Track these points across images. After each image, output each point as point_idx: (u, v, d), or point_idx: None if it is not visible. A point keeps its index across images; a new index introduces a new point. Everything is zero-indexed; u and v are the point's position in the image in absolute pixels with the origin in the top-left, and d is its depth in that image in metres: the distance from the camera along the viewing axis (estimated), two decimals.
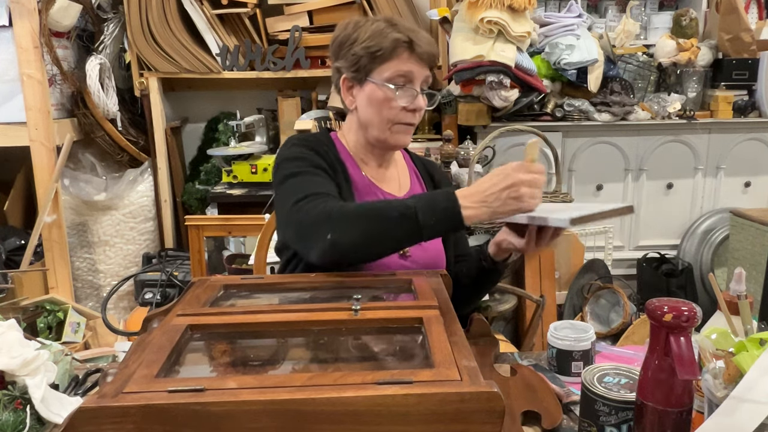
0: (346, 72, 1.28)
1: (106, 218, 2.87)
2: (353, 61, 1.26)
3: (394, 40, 1.23)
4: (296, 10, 2.83)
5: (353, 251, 1.10)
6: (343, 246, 1.08)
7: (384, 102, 1.25)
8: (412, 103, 1.26)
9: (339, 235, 1.08)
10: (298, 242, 1.18)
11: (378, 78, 1.25)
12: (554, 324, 1.15)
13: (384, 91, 1.25)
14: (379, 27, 1.25)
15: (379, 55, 1.23)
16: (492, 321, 2.62)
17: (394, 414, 0.65)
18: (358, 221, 1.09)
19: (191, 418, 0.64)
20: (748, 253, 2.65)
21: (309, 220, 1.12)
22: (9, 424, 0.88)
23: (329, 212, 1.10)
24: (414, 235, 1.08)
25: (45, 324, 2.23)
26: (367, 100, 1.27)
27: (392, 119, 1.27)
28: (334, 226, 1.09)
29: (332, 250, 1.09)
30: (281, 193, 1.23)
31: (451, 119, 2.78)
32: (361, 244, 1.09)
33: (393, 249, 1.15)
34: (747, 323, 0.89)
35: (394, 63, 1.24)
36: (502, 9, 2.52)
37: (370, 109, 1.27)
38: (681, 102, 2.90)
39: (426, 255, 1.31)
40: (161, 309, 0.94)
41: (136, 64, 2.84)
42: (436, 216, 1.05)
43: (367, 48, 1.24)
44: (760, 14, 3.23)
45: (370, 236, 1.09)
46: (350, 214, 1.10)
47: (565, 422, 0.96)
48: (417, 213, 1.06)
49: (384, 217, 1.08)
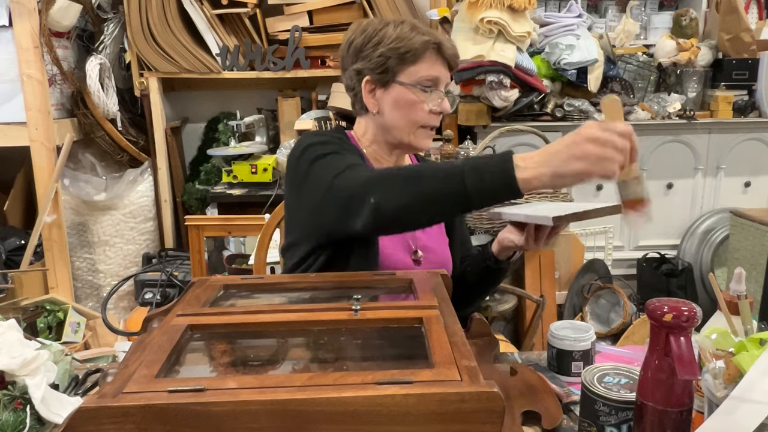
0: (370, 74, 1.24)
1: (106, 218, 2.87)
2: (380, 63, 1.22)
3: (424, 42, 1.21)
4: (296, 10, 2.83)
5: (396, 215, 1.02)
6: (386, 210, 1.01)
7: (413, 105, 1.23)
8: (440, 106, 1.25)
9: (381, 198, 1.01)
10: (342, 218, 1.10)
11: (407, 79, 1.22)
12: (554, 324, 1.15)
13: (414, 93, 1.23)
14: (405, 28, 1.23)
15: (409, 56, 1.21)
16: (492, 321, 2.62)
17: (394, 414, 0.65)
18: (401, 184, 1.02)
19: (191, 418, 0.64)
20: (748, 253, 2.65)
21: (350, 190, 1.06)
22: (9, 424, 0.88)
23: (369, 177, 1.05)
24: (461, 198, 0.96)
25: (45, 324, 2.23)
26: (393, 102, 1.24)
27: (419, 122, 1.25)
28: (376, 189, 1.03)
29: (375, 215, 1.02)
30: (313, 178, 1.16)
31: (451, 119, 2.78)
32: (403, 207, 1.01)
33: (440, 214, 1.06)
34: (747, 323, 0.89)
35: (423, 65, 1.22)
36: (502, 9, 2.52)
37: (397, 111, 1.25)
38: (681, 102, 2.90)
39: (437, 258, 1.31)
40: (161, 309, 0.94)
41: (136, 64, 2.84)
42: (487, 177, 0.93)
43: (395, 49, 1.21)
44: (760, 14, 3.23)
45: (412, 198, 1.00)
46: (392, 176, 1.04)
47: (565, 422, 0.96)
48: (464, 173, 0.95)
49: (428, 178, 1.00)
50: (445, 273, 1.09)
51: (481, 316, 1.14)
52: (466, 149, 2.59)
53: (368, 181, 1.05)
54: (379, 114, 1.27)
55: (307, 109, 2.94)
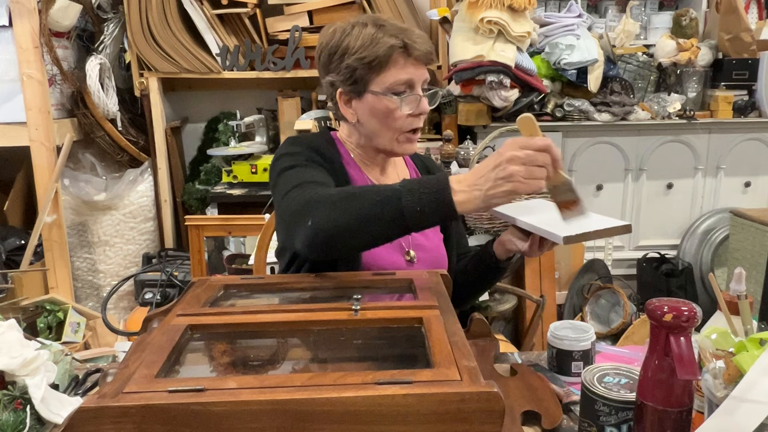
0: (342, 86, 1.22)
1: (106, 218, 2.87)
2: (348, 74, 1.19)
3: (389, 47, 1.17)
4: (296, 10, 2.83)
5: (332, 237, 1.01)
6: (322, 231, 1.00)
7: (389, 113, 1.20)
8: (417, 108, 1.21)
9: (319, 220, 1.01)
10: (287, 233, 1.12)
11: (378, 88, 1.19)
12: (554, 324, 1.15)
13: (387, 102, 1.19)
14: (369, 33, 1.18)
15: (375, 64, 1.17)
16: (492, 321, 2.62)
17: (394, 414, 0.65)
18: (338, 205, 1.01)
19: (191, 418, 0.64)
20: (748, 253, 2.65)
21: (293, 207, 1.07)
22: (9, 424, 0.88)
23: (311, 197, 1.04)
24: (397, 221, 0.96)
25: (45, 324, 2.23)
26: (369, 112, 1.22)
27: (399, 128, 1.22)
28: (314, 210, 1.02)
29: (312, 237, 1.01)
30: (277, 190, 1.18)
31: (451, 119, 2.78)
32: (340, 229, 1.00)
33: (378, 236, 1.02)
34: (747, 323, 0.89)
35: (392, 71, 1.18)
36: (502, 9, 2.52)
37: (375, 120, 1.22)
38: (681, 102, 2.90)
39: (431, 257, 1.30)
40: (161, 309, 0.94)
41: (136, 64, 2.84)
42: (424, 200, 0.95)
43: (361, 59, 1.17)
44: (760, 14, 3.23)
45: (348, 221, 0.99)
46: (331, 198, 1.03)
47: (565, 422, 0.96)
48: (401, 195, 0.95)
49: (366, 201, 0.99)
50: (445, 273, 1.09)
51: (481, 316, 1.15)
52: (466, 149, 2.59)
53: (308, 203, 1.04)
54: (359, 123, 1.25)
55: (307, 109, 2.94)
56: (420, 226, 0.99)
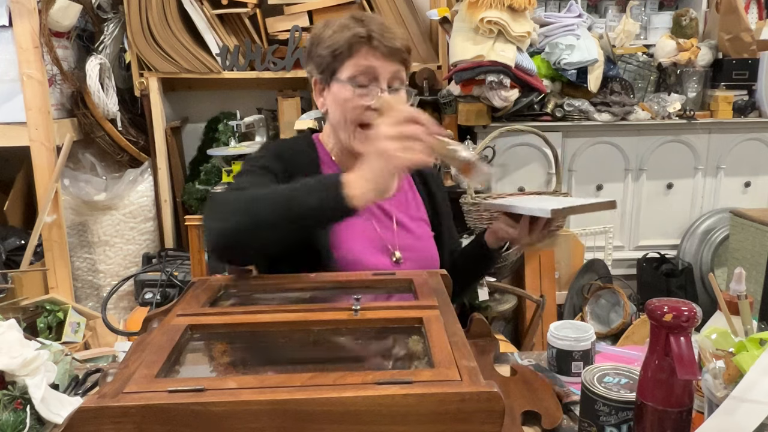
0: (315, 75, 1.26)
1: (106, 218, 2.87)
2: (319, 63, 1.23)
3: (351, 36, 1.17)
4: (296, 10, 2.83)
5: (230, 240, 1.02)
6: (220, 235, 1.02)
7: (346, 101, 1.20)
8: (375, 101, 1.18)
9: (217, 223, 1.02)
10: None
11: (342, 76, 1.20)
12: (554, 324, 1.15)
13: (344, 90, 1.20)
14: (342, 24, 1.20)
15: (339, 53, 1.19)
16: (492, 321, 2.62)
17: (394, 414, 0.65)
18: (234, 208, 1.02)
19: (191, 418, 0.64)
20: (748, 253, 2.65)
21: (205, 213, 1.08)
22: (9, 424, 0.88)
23: (216, 201, 1.06)
24: (295, 220, 0.98)
25: (45, 324, 2.23)
26: (333, 100, 1.23)
27: (355, 120, 1.20)
28: (215, 213, 1.04)
29: (213, 240, 1.03)
30: None
31: (451, 119, 2.78)
32: (236, 232, 1.01)
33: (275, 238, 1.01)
34: (747, 323, 0.89)
35: (354, 60, 1.19)
36: (502, 9, 2.52)
37: (335, 109, 1.23)
38: (681, 102, 2.90)
39: (420, 257, 1.29)
40: (161, 309, 0.94)
41: (136, 64, 2.84)
42: (320, 196, 0.96)
43: (328, 47, 1.20)
44: (760, 14, 3.23)
45: (246, 223, 1.00)
46: (229, 201, 1.04)
47: (565, 422, 0.96)
48: (297, 195, 0.98)
49: (262, 202, 1.00)
50: (444, 273, 1.09)
51: (481, 316, 1.15)
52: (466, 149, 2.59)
53: (213, 206, 1.06)
54: (327, 114, 1.27)
55: (307, 109, 2.94)
56: (321, 224, 1.02)
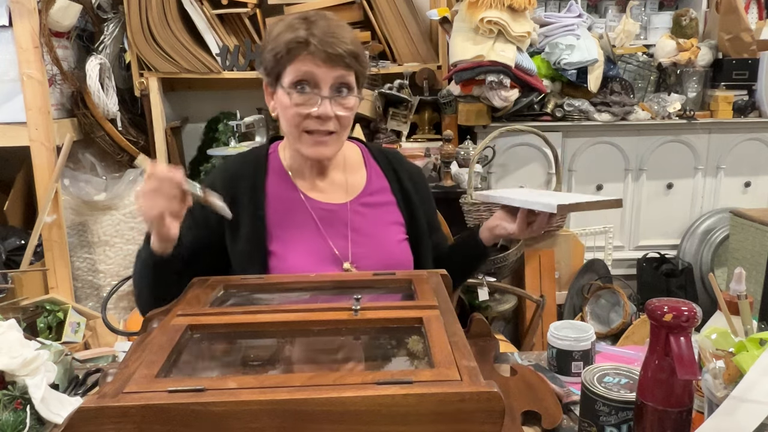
0: (264, 78, 1.22)
1: (106, 218, 2.87)
2: (265, 66, 1.19)
3: (290, 40, 1.12)
4: (296, 10, 2.83)
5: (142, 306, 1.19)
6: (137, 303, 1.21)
7: (286, 107, 1.16)
8: (316, 109, 1.14)
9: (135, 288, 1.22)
10: None
11: (284, 81, 1.16)
12: (554, 324, 1.15)
13: (284, 96, 1.16)
14: (289, 24, 1.15)
15: (280, 58, 1.14)
16: (492, 321, 2.62)
17: (394, 414, 0.65)
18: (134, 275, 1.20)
19: (191, 418, 0.64)
20: (748, 253, 2.65)
21: None
22: (9, 424, 0.88)
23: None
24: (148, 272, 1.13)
25: (45, 324, 2.23)
26: (279, 105, 1.19)
27: (298, 126, 1.17)
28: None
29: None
30: None
31: (451, 119, 2.78)
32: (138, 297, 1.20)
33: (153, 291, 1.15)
34: (747, 323, 0.89)
35: (294, 66, 1.14)
36: (502, 9, 2.52)
37: (281, 115, 1.20)
38: (681, 102, 2.90)
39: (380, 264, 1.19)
40: (161, 309, 0.94)
41: (136, 64, 2.84)
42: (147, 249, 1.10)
43: (271, 50, 1.16)
44: (760, 14, 3.23)
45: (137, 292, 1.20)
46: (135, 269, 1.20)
47: (565, 422, 0.96)
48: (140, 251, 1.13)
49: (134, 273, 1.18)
50: (444, 273, 1.09)
51: (481, 316, 1.15)
52: (465, 149, 2.59)
53: None
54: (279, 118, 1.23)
55: None
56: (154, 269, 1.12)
